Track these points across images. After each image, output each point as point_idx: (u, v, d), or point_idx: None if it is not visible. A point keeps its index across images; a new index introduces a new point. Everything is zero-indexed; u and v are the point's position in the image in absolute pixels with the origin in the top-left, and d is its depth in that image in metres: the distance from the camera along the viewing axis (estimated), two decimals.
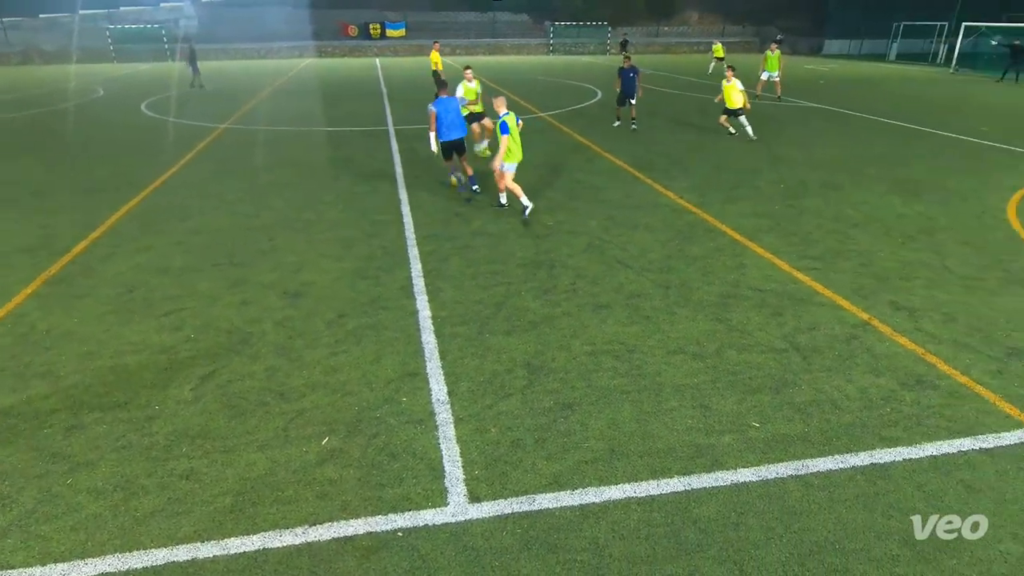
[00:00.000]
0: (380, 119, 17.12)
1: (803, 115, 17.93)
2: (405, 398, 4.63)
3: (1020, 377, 4.86)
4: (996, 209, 9.00)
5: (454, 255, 7.36)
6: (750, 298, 6.22)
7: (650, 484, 3.78)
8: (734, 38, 50.33)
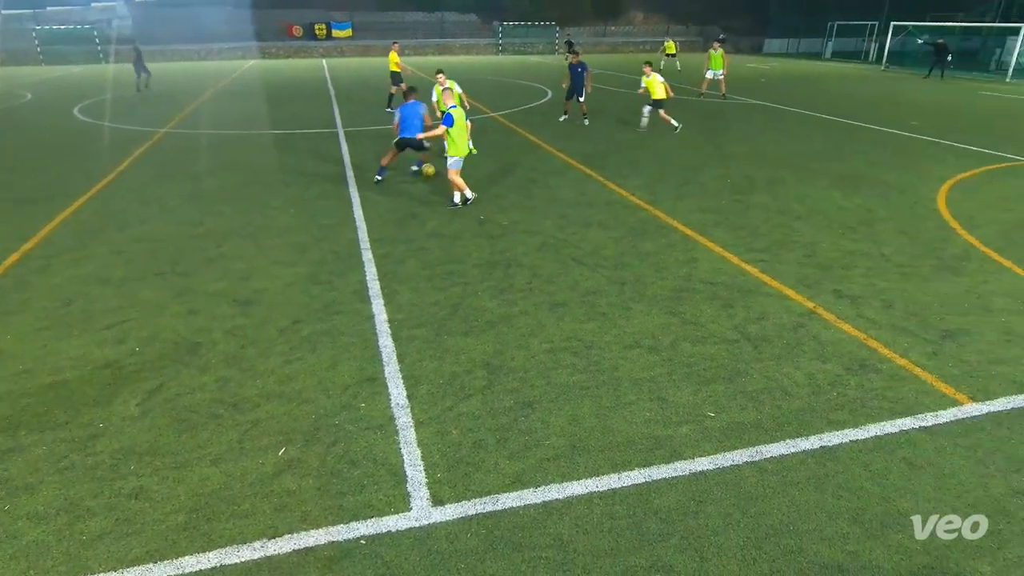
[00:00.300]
0: (329, 121, 16.82)
1: (747, 112, 18.48)
2: (363, 404, 4.56)
3: (953, 358, 5.13)
4: (928, 200, 9.48)
5: (409, 257, 7.29)
6: (702, 291, 6.37)
7: (611, 478, 3.83)
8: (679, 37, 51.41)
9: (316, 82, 27.16)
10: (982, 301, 6.12)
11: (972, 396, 4.61)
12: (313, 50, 44.96)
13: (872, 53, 39.46)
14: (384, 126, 15.76)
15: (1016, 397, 4.60)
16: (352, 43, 45.97)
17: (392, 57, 18.31)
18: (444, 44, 47.56)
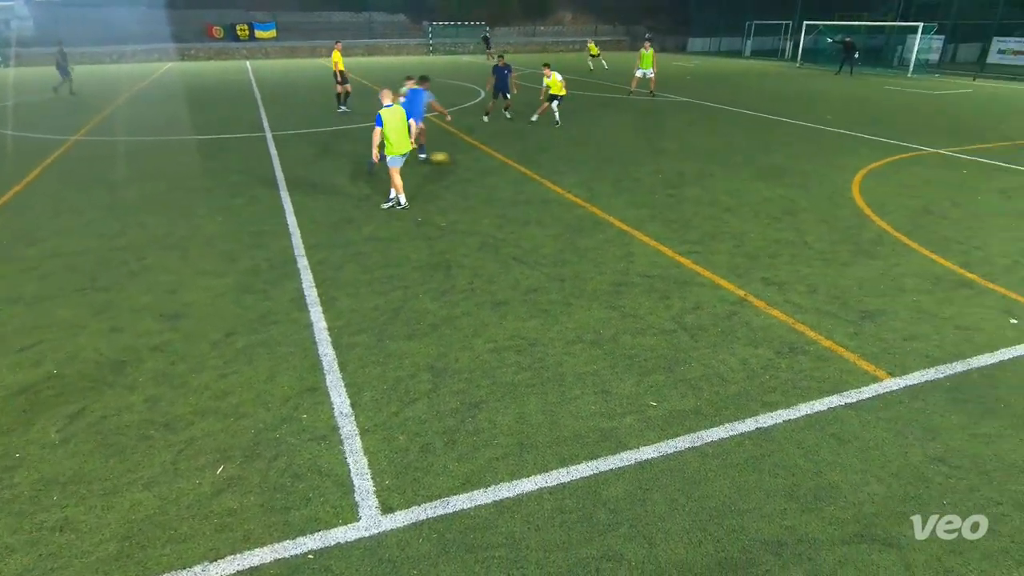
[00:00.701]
0: (256, 124, 16.25)
1: (676, 109, 19.06)
2: (305, 415, 4.43)
3: (872, 337, 5.46)
4: (843, 189, 10.04)
5: (347, 262, 7.14)
6: (639, 284, 6.53)
7: (560, 472, 3.87)
8: (606, 37, 52.50)
9: (240, 84, 26.19)
10: (895, 282, 6.54)
11: (890, 372, 4.93)
12: (235, 52, 43.32)
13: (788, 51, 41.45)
14: (321, 128, 15.38)
15: (929, 370, 4.95)
16: (277, 44, 44.59)
17: (335, 57, 18.02)
18: (373, 45, 46.80)
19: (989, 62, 30.29)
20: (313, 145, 13.59)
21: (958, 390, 4.70)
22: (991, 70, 29.61)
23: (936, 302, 6.10)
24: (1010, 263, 7.02)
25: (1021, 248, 7.46)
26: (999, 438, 4.18)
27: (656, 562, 3.25)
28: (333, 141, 14.08)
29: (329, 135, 14.82)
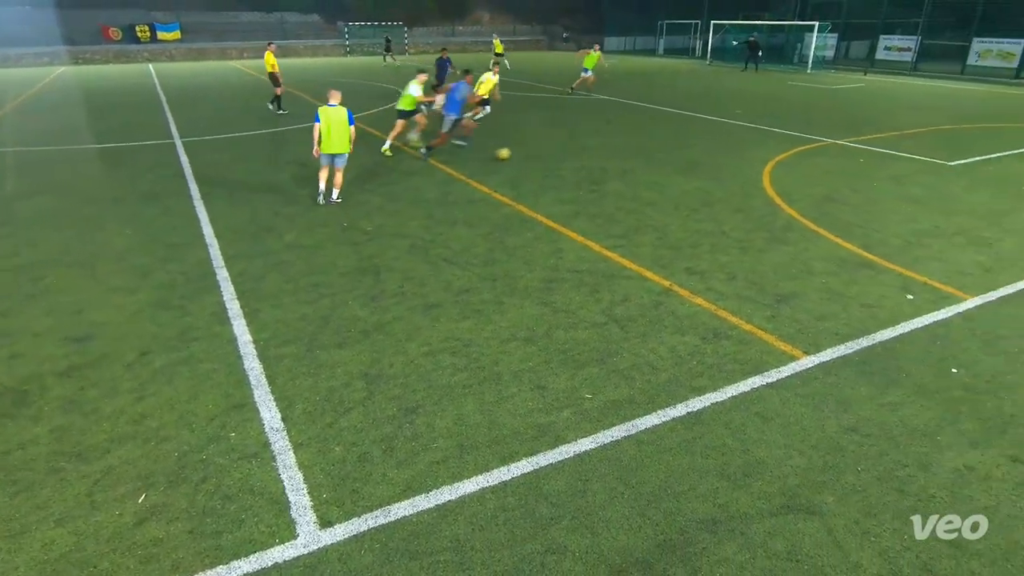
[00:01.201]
0: (163, 131, 15.38)
1: (597, 107, 19.48)
2: (233, 433, 4.24)
3: (788, 319, 5.79)
4: (755, 180, 10.58)
5: (269, 272, 6.89)
6: (569, 280, 6.64)
7: (501, 471, 3.89)
8: (524, 36, 53.04)
9: (143, 89, 24.70)
10: (805, 266, 6.96)
11: (805, 350, 5.24)
12: (136, 54, 40.79)
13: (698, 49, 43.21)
14: (236, 133, 14.73)
15: (839, 347, 5.29)
16: (182, 46, 42.32)
17: (268, 59, 17.41)
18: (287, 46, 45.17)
19: (877, 58, 32.68)
20: (227, 151, 13.01)
21: (865, 364, 5.06)
22: (879, 65, 31.97)
23: (842, 283, 6.53)
24: (904, 243, 7.61)
25: (913, 229, 8.10)
26: (902, 405, 4.53)
27: (599, 551, 3.32)
28: (249, 146, 13.53)
29: (245, 140, 14.23)
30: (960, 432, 4.25)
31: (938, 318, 5.79)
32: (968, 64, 28.51)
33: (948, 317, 5.81)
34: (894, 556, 3.28)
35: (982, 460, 3.99)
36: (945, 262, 7.04)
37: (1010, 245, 7.55)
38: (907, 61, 31.16)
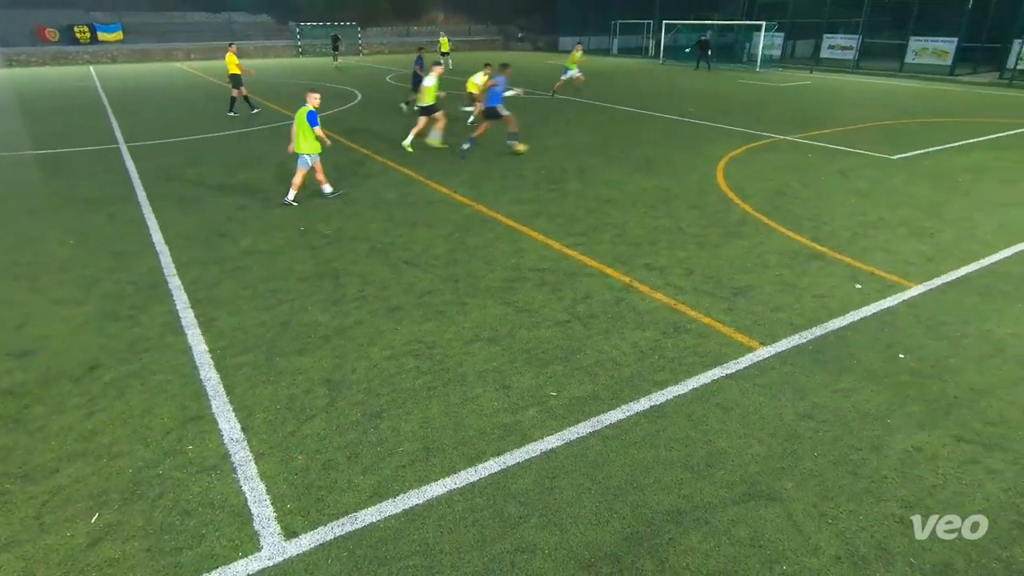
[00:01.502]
0: (107, 135, 14.81)
1: (556, 106, 19.58)
2: (191, 446, 4.12)
3: (745, 311, 5.93)
4: (709, 176, 10.81)
5: (225, 279, 6.71)
6: (531, 279, 6.67)
7: (468, 472, 3.88)
8: (480, 36, 52.99)
9: (84, 92, 23.74)
10: (760, 259, 7.15)
11: (762, 341, 5.38)
12: (76, 56, 39.16)
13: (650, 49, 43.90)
14: (184, 137, 14.28)
15: (794, 336, 5.45)
16: (125, 47, 40.80)
17: (231, 59, 17.09)
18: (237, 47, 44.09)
19: (822, 56, 33.79)
20: (176, 155, 12.61)
21: (819, 352, 5.22)
22: (824, 64, 33.06)
23: (795, 274, 6.73)
24: (851, 235, 7.89)
25: (859, 221, 8.41)
26: (854, 391, 4.70)
27: (568, 547, 3.34)
28: (199, 150, 13.14)
29: (194, 143, 13.82)
30: (908, 415, 4.43)
31: (885, 306, 6.02)
32: (906, 62, 29.72)
33: (894, 305, 6.05)
34: (851, 536, 3.40)
35: (929, 441, 4.16)
36: (890, 252, 7.34)
37: (949, 235, 7.91)
38: (849, 59, 32.31)
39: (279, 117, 17.07)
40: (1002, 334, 5.51)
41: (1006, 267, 6.93)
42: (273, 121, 16.49)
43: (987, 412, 4.45)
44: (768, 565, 3.23)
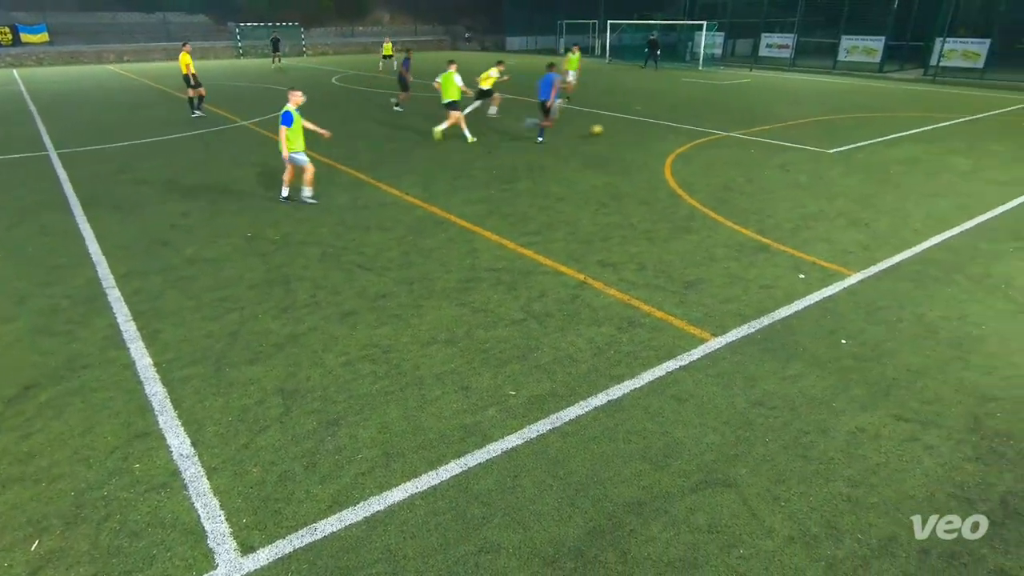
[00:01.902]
0: (34, 142, 14.05)
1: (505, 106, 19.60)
2: (137, 464, 3.95)
3: (696, 303, 6.08)
4: (657, 173, 11.04)
5: (168, 289, 6.46)
6: (486, 279, 6.67)
7: (429, 476, 3.85)
8: (426, 37, 52.62)
9: (9, 97, 22.46)
10: (708, 253, 7.34)
11: (713, 332, 5.53)
12: None
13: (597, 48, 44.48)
14: (120, 143, 13.66)
15: (743, 327, 5.62)
16: (52, 49, 38.77)
17: (184, 59, 16.59)
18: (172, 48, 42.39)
19: (760, 55, 34.92)
20: (111, 162, 12.07)
21: (767, 341, 5.40)
22: (762, 62, 34.18)
23: (742, 266, 6.94)
24: (794, 227, 8.19)
25: (801, 213, 8.73)
26: (801, 377, 4.88)
27: (532, 544, 3.36)
28: (136, 156, 12.61)
29: (131, 149, 13.25)
30: (852, 398, 4.63)
31: (827, 294, 6.27)
32: (839, 60, 31.00)
33: (835, 293, 6.31)
34: (802, 517, 3.53)
35: (872, 421, 4.36)
36: (830, 242, 7.64)
37: (884, 224, 8.30)
38: (786, 58, 33.49)
39: (220, 121, 16.55)
40: (933, 317, 5.82)
41: (935, 254, 7.32)
42: (214, 125, 15.98)
43: (923, 392, 4.69)
44: (726, 550, 3.32)
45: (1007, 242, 7.66)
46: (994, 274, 6.75)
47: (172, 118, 16.94)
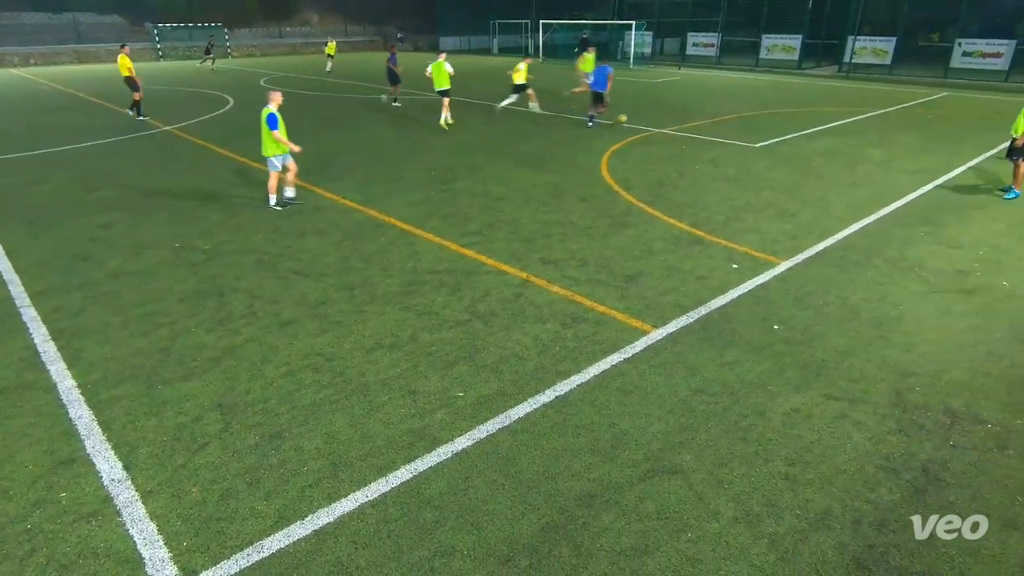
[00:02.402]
0: None
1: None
2: (64, 493, 3.72)
3: (636, 297, 6.22)
4: (594, 170, 11.22)
5: (91, 305, 6.10)
6: (429, 281, 6.61)
7: (379, 483, 3.79)
8: (358, 38, 51.67)
9: None
10: (647, 247, 7.52)
11: (654, 324, 5.67)
12: None
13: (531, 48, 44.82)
14: (25, 152, 12.77)
15: (682, 317, 5.79)
16: None
17: (123, 62, 16.13)
18: (84, 50, 40.07)
19: (688, 53, 36.03)
20: (20, 173, 11.28)
21: (705, 330, 5.59)
22: (690, 60, 35.28)
23: (679, 259, 7.15)
24: (725, 219, 8.49)
25: (731, 206, 9.07)
26: (738, 363, 5.07)
27: (486, 544, 3.35)
28: (47, 166, 11.84)
29: (38, 159, 12.43)
30: (786, 380, 4.84)
31: (759, 282, 6.54)
32: (760, 57, 32.33)
33: (766, 281, 6.59)
34: (745, 498, 3.67)
35: (805, 402, 4.58)
36: (760, 233, 7.97)
37: (808, 214, 8.72)
38: (712, 56, 34.68)
39: (142, 127, 15.75)
40: (856, 300, 6.16)
41: (855, 240, 7.75)
42: (135, 131, 15.19)
43: (850, 371, 4.96)
44: (675, 535, 3.42)
45: (918, 227, 8.20)
46: (908, 257, 7.21)
47: (87, 124, 16.00)
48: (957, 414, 4.44)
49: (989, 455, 4.04)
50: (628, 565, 3.24)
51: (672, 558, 3.28)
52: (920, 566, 3.24)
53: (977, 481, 3.81)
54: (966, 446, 4.12)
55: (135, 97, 16.43)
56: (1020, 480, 3.83)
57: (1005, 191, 9.60)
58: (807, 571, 3.21)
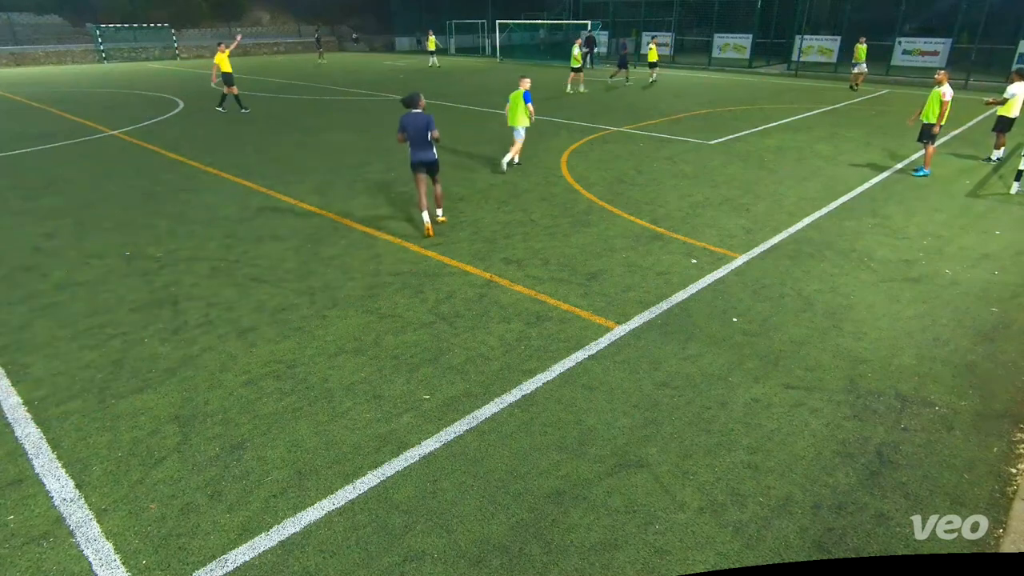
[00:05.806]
0: None
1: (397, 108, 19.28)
2: (12, 516, 3.55)
3: (599, 294, 6.29)
4: (555, 169, 11.29)
5: (36, 319, 5.84)
6: (392, 284, 6.55)
7: (346, 490, 3.74)
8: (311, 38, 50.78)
9: None
10: (607, 244, 7.61)
11: (617, 320, 5.74)
12: None
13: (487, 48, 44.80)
14: None
15: (644, 313, 5.88)
16: None
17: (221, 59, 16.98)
18: (20, 53, 38.27)
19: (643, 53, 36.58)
20: None
21: (667, 324, 5.68)
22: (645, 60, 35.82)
23: (639, 255, 7.25)
24: (683, 215, 8.65)
25: (689, 202, 9.24)
26: (700, 356, 5.17)
27: (457, 547, 3.34)
28: None
29: None
30: (746, 371, 4.96)
31: (717, 276, 6.69)
32: (713, 56, 33.06)
33: (724, 275, 6.74)
34: (709, 488, 3.75)
35: (764, 391, 4.70)
36: (717, 228, 8.15)
37: (762, 208, 8.95)
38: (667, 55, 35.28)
39: (85, 131, 15.15)
40: (810, 291, 6.36)
41: (807, 233, 8.00)
42: (78, 136, 14.61)
43: (806, 360, 5.12)
44: (643, 528, 3.47)
45: (866, 219, 8.51)
46: (858, 248, 7.47)
47: (25, 130, 15.31)
48: (907, 398, 4.62)
49: (938, 436, 4.22)
50: (598, 560, 3.27)
51: (641, 551, 3.32)
52: (876, 546, 3.36)
53: (927, 462, 3.98)
54: (916, 428, 4.29)
55: (233, 91, 17.15)
56: (966, 459, 4.01)
57: (916, 171, 10.83)
58: (771, 556, 3.30)
